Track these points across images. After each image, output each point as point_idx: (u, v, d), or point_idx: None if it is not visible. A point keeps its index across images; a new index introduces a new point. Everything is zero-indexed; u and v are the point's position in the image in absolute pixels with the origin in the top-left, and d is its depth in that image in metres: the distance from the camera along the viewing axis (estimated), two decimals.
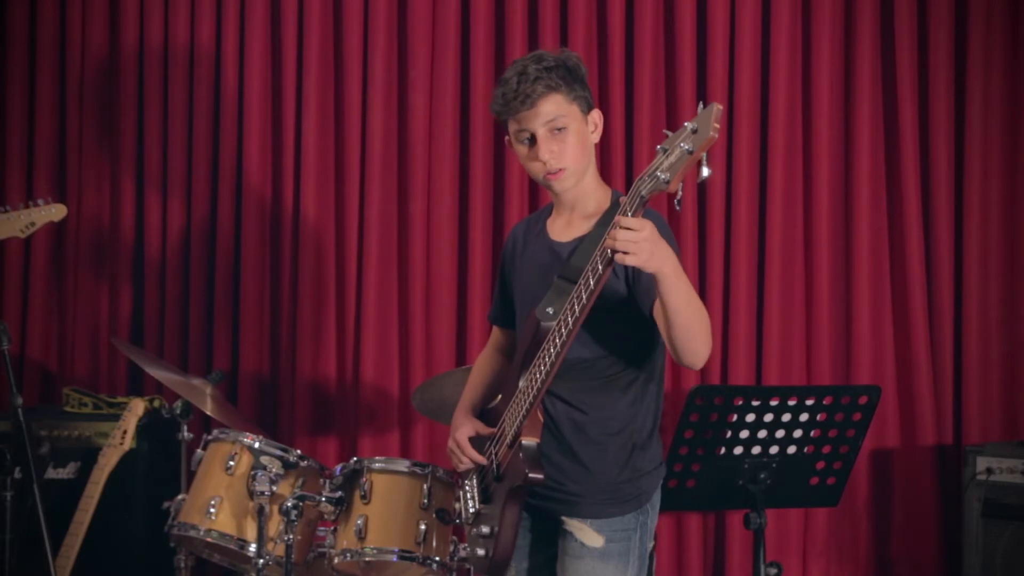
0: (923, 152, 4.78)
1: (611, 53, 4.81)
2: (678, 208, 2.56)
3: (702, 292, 4.79)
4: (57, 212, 4.30)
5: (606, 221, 2.87)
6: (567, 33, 4.83)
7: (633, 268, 2.73)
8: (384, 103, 4.93)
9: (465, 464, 3.10)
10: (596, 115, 3.02)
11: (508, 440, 2.95)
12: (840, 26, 4.80)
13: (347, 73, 4.94)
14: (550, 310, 2.86)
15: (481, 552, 3.00)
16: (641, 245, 2.61)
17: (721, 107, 2.47)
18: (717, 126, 2.46)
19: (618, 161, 4.80)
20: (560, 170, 2.96)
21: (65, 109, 5.12)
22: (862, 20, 4.77)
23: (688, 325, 2.74)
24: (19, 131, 5.14)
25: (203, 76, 5.02)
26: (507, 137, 3.04)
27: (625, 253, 2.61)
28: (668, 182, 2.53)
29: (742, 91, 4.78)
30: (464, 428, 3.11)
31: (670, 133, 2.56)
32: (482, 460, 3.05)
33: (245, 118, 5.00)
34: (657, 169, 2.55)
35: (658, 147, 2.56)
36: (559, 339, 2.79)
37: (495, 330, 3.28)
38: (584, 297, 2.72)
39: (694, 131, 2.48)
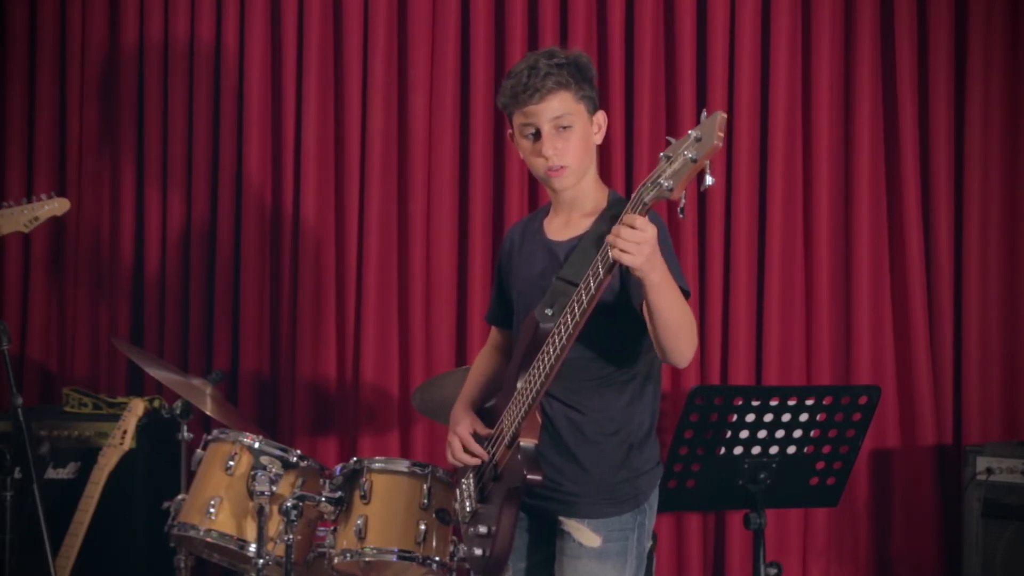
0: (923, 152, 4.79)
1: (611, 54, 4.81)
2: (681, 216, 2.55)
3: (702, 292, 4.80)
4: (60, 206, 4.29)
5: (604, 220, 2.87)
6: (567, 33, 4.83)
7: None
8: (384, 103, 4.93)
9: (462, 458, 3.08)
10: (601, 117, 3.03)
11: (506, 441, 2.95)
12: (840, 26, 4.80)
13: (347, 73, 4.94)
14: (548, 311, 2.86)
15: (478, 552, 3.00)
16: (642, 248, 2.60)
17: (725, 115, 2.45)
18: (721, 135, 2.44)
19: (618, 162, 4.80)
20: (562, 168, 2.96)
21: (65, 108, 5.11)
22: (862, 20, 4.77)
23: (672, 325, 2.75)
24: (19, 130, 5.13)
25: (203, 75, 5.01)
26: (510, 131, 3.03)
27: (624, 252, 2.60)
28: (671, 190, 2.52)
29: (742, 91, 4.78)
30: (464, 423, 3.10)
31: (672, 140, 2.54)
32: (484, 456, 3.03)
33: (245, 118, 5.00)
34: (660, 176, 2.53)
35: (661, 154, 2.54)
36: (559, 341, 2.78)
37: (493, 330, 3.28)
38: (584, 301, 2.71)
39: (698, 139, 2.47)
